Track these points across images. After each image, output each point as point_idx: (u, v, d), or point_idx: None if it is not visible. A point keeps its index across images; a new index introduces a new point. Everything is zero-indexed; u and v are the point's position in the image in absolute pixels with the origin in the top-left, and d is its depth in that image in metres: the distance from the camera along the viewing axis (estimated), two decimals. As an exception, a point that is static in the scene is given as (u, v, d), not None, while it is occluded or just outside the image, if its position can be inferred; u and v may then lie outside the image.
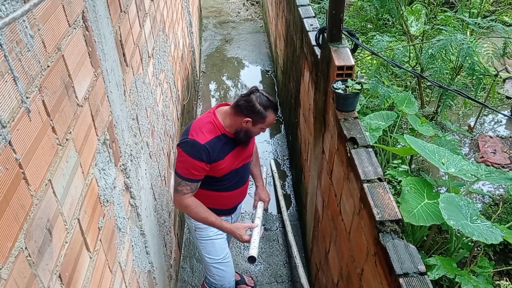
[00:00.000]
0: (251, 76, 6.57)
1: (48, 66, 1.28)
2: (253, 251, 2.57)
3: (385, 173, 3.67)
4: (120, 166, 1.94)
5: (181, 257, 3.68)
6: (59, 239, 1.30)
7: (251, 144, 2.71)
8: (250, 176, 2.92)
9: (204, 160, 2.43)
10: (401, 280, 1.52)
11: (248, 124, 2.47)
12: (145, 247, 2.32)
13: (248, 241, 2.63)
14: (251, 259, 2.56)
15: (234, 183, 2.68)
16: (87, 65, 1.59)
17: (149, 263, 2.39)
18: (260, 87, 6.26)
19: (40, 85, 1.22)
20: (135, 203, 2.13)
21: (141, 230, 2.25)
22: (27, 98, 1.14)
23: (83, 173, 1.50)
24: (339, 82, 2.31)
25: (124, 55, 2.13)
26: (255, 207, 2.93)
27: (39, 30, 1.24)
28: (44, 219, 1.21)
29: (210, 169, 2.50)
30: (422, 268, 1.56)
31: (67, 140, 1.38)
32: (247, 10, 8.71)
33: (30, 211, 1.13)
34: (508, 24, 5.22)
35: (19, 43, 1.11)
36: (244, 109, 2.45)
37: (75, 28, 1.50)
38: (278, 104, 2.52)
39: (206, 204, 2.63)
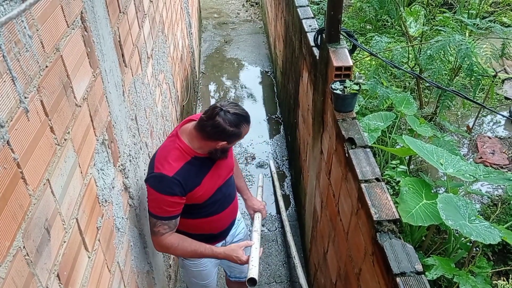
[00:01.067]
0: (250, 77, 6.58)
1: (46, 66, 1.29)
2: (253, 271, 2.27)
3: (384, 174, 3.68)
4: (119, 166, 1.95)
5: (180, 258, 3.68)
6: (57, 239, 1.30)
7: (229, 154, 2.43)
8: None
9: (177, 194, 2.14)
10: (398, 279, 1.53)
11: (222, 144, 2.17)
12: (144, 247, 2.33)
13: (246, 262, 2.34)
14: (251, 282, 2.27)
15: (220, 204, 2.42)
16: (85, 66, 1.60)
17: (148, 263, 2.39)
18: (260, 88, 6.28)
19: (39, 85, 1.23)
20: (134, 203, 2.13)
21: (140, 230, 2.25)
22: (25, 98, 1.14)
23: (81, 173, 1.51)
24: (337, 82, 2.31)
25: (123, 55, 2.14)
26: (252, 219, 2.71)
27: (37, 30, 1.24)
28: (42, 219, 1.21)
29: (188, 199, 2.22)
30: (419, 267, 1.57)
31: (65, 140, 1.39)
32: (246, 11, 8.73)
33: (28, 210, 1.13)
34: (506, 25, 5.23)
35: (18, 43, 1.12)
36: (213, 134, 2.13)
37: (73, 29, 1.50)
38: (246, 113, 2.18)
39: (193, 233, 2.38)
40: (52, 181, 1.28)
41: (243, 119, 2.15)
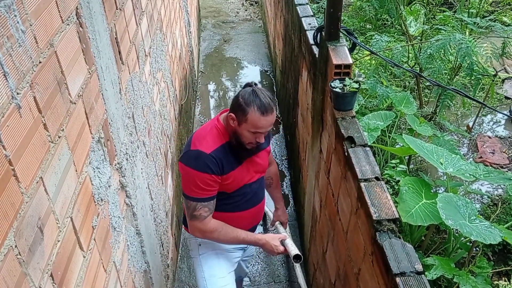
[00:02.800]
0: (250, 76, 6.55)
1: (40, 62, 1.26)
2: (295, 250, 2.38)
3: (384, 173, 3.66)
4: (115, 165, 1.92)
5: (179, 257, 3.66)
6: (51, 238, 1.28)
7: (262, 156, 2.40)
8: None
9: (215, 172, 2.11)
10: (397, 279, 1.50)
11: (234, 123, 2.14)
12: (141, 246, 2.30)
13: (282, 253, 2.36)
14: (297, 258, 2.35)
15: (248, 200, 2.37)
16: (80, 62, 1.57)
17: (145, 262, 2.37)
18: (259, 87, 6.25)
19: (32, 81, 1.21)
20: (130, 202, 2.11)
21: (137, 230, 2.23)
22: (17, 94, 1.12)
23: (76, 171, 1.49)
24: (337, 81, 2.29)
25: (119, 52, 2.11)
26: (272, 225, 2.78)
27: (31, 25, 1.22)
28: (35, 217, 1.19)
29: (221, 182, 2.19)
30: (419, 267, 1.55)
31: (59, 137, 1.36)
32: (246, 10, 8.70)
33: (20, 208, 1.11)
34: (507, 24, 5.21)
35: (10, 38, 1.09)
36: (232, 103, 2.15)
37: (68, 25, 1.48)
38: (271, 104, 2.12)
39: None
40: (45, 179, 1.25)
41: (258, 101, 2.08)
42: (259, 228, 3.26)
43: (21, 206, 1.12)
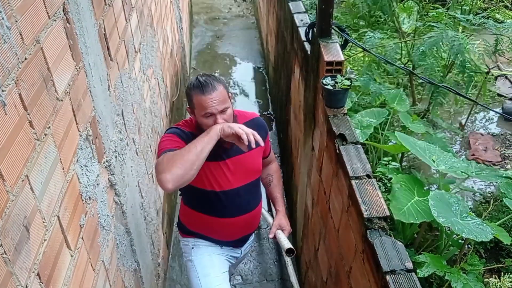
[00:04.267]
0: (243, 73, 6.53)
1: (25, 59, 1.24)
2: (287, 244, 2.32)
3: (376, 171, 3.65)
4: (103, 163, 1.90)
5: (170, 256, 3.64)
6: (37, 237, 1.26)
7: (253, 157, 2.30)
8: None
9: (181, 136, 2.14)
10: (388, 277, 1.50)
11: (192, 115, 2.19)
12: (131, 245, 2.28)
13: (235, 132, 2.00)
14: (290, 252, 2.31)
15: (236, 205, 2.28)
16: (67, 59, 1.55)
17: (135, 261, 2.35)
18: (252, 84, 6.23)
19: (17, 78, 1.18)
20: (120, 201, 2.09)
21: (126, 228, 2.21)
22: (2, 91, 1.10)
23: (63, 169, 1.46)
24: (329, 78, 2.28)
25: (108, 49, 2.09)
26: (272, 234, 2.43)
27: (16, 21, 1.20)
28: (21, 216, 1.17)
29: None
30: (410, 265, 1.54)
31: (45, 135, 1.34)
32: (238, 6, 8.67)
33: (5, 207, 1.09)
34: (500, 21, 5.21)
35: (-6, 34, 1.07)
36: None
37: (55, 20, 1.46)
38: (212, 82, 2.09)
39: (201, 230, 2.35)
40: (31, 178, 1.23)
41: (197, 83, 2.10)
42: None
43: (6, 204, 1.10)
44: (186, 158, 1.96)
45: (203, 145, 1.98)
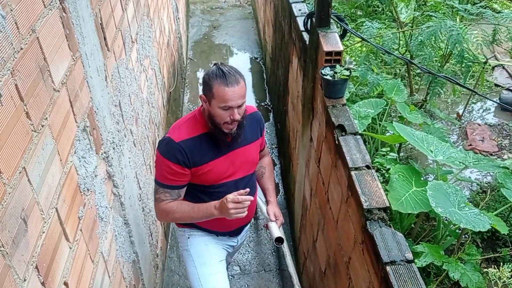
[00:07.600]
0: (240, 63, 6.49)
1: (21, 49, 1.22)
2: (277, 232, 2.32)
3: (374, 161, 3.65)
4: (101, 154, 1.89)
5: (168, 247, 3.64)
6: (35, 229, 1.25)
7: (251, 150, 2.31)
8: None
9: (180, 163, 2.09)
10: (388, 268, 1.50)
11: (206, 104, 2.08)
12: (129, 236, 2.28)
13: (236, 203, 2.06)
14: (278, 241, 2.32)
15: None
16: (64, 49, 1.53)
17: (134, 252, 2.35)
18: (249, 74, 6.20)
19: (13, 68, 1.17)
20: (118, 192, 2.08)
21: (124, 220, 2.20)
22: (-2, 81, 1.08)
23: (61, 161, 1.45)
24: (328, 68, 2.26)
25: (105, 39, 2.06)
26: (266, 226, 2.49)
27: (11, 10, 1.18)
28: (19, 208, 1.16)
29: (194, 176, 2.16)
30: (409, 256, 1.54)
31: (42, 126, 1.33)
32: (235, -4, 8.60)
33: (3, 200, 1.08)
34: (497, 11, 5.19)
35: (-11, 23, 1.05)
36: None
37: (51, 10, 1.44)
38: (236, 75, 2.04)
39: (201, 224, 2.33)
40: (28, 169, 1.22)
41: (221, 74, 2.02)
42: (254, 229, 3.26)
43: (4, 197, 1.09)
44: (181, 218, 2.24)
45: (201, 216, 2.19)
